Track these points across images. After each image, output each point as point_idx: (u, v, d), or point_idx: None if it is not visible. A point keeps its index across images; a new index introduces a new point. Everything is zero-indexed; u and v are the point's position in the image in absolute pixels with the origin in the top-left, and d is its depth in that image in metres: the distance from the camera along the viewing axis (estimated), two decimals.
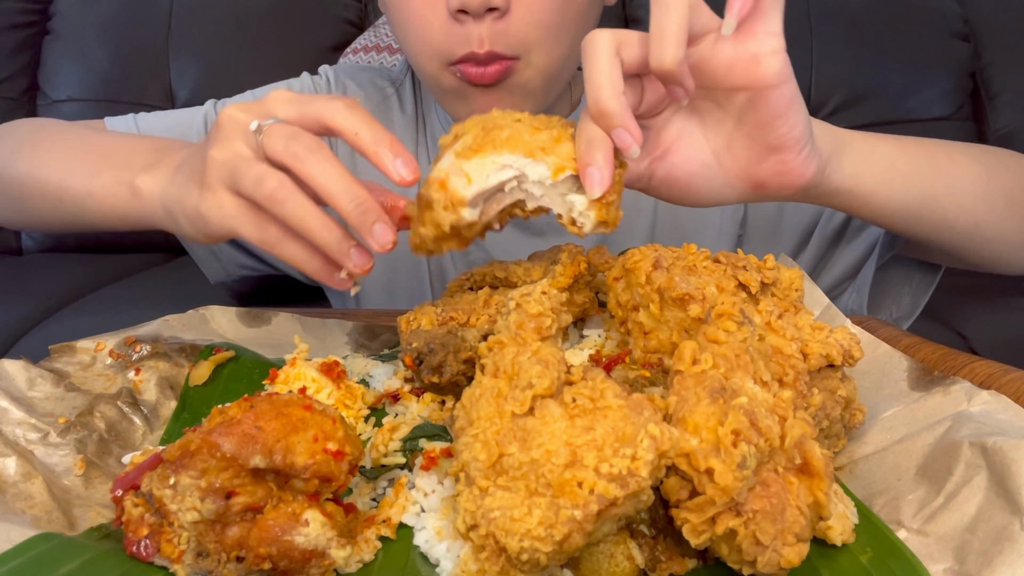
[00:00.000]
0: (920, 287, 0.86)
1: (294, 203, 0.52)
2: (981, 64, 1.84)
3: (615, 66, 0.50)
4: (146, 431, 0.56)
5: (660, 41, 0.49)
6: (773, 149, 0.56)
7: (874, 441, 0.52)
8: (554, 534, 0.36)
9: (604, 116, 0.50)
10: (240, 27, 1.90)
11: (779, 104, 0.54)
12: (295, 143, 0.53)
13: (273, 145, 0.53)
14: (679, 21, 0.49)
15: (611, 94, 0.50)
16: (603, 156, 0.49)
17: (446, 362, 0.55)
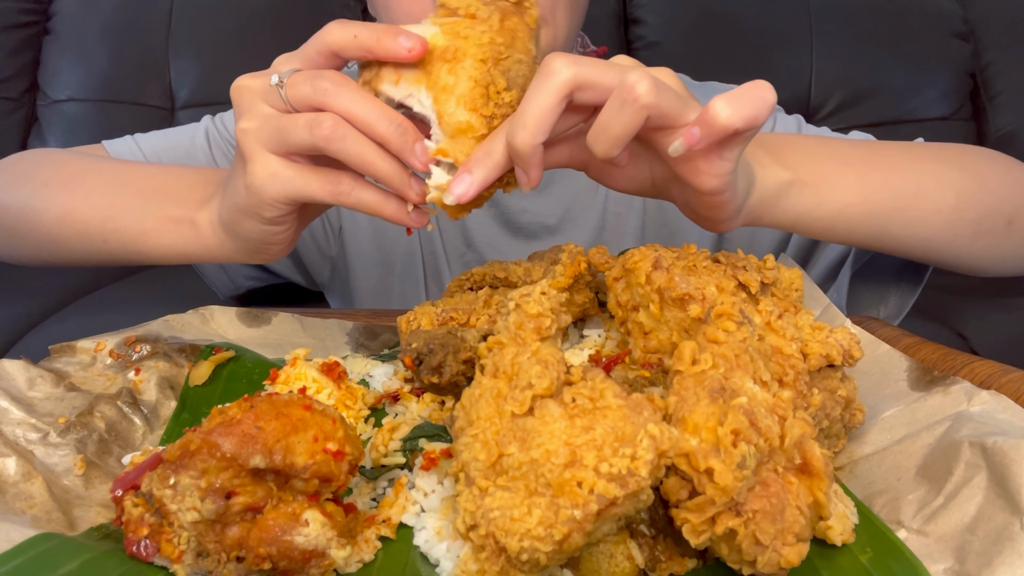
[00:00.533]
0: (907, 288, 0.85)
1: (353, 137, 0.51)
2: (981, 64, 1.84)
3: (554, 111, 0.47)
4: (146, 431, 0.56)
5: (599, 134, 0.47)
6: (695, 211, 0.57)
7: (874, 441, 0.52)
8: (554, 534, 0.36)
9: (514, 153, 0.49)
10: (240, 27, 1.91)
11: (709, 203, 0.53)
12: (320, 80, 0.52)
13: (300, 89, 0.52)
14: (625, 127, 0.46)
15: (529, 141, 0.47)
16: (483, 176, 0.50)
17: (446, 362, 0.55)
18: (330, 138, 0.51)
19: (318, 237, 1.00)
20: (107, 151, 0.89)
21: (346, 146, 0.51)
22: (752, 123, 0.45)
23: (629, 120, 0.46)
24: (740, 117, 0.45)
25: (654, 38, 1.86)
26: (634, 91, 0.45)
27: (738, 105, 0.45)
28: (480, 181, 0.50)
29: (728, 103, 0.45)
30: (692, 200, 0.55)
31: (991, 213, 0.71)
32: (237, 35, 1.91)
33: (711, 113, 0.45)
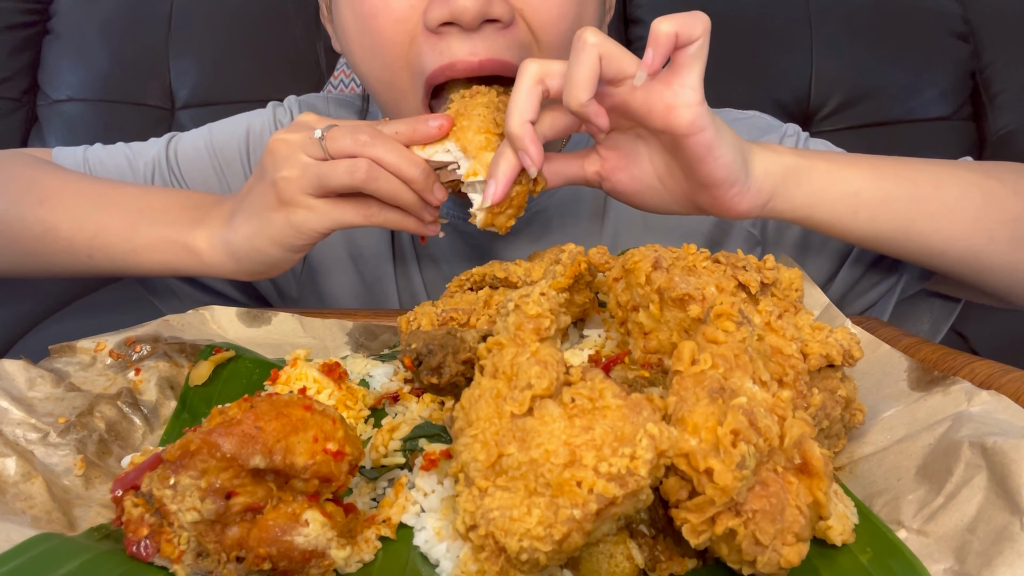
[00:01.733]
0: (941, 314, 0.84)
1: (384, 177, 0.63)
2: (981, 64, 1.83)
3: (531, 95, 0.58)
4: (146, 431, 0.56)
5: (569, 86, 0.57)
6: (703, 184, 0.61)
7: (874, 441, 0.52)
8: (553, 533, 0.36)
9: (511, 138, 0.59)
10: (240, 28, 1.90)
11: (697, 149, 0.59)
12: (360, 134, 0.63)
13: (342, 142, 0.63)
14: (586, 70, 0.55)
15: (517, 121, 0.58)
16: (503, 173, 0.60)
17: (445, 363, 0.55)
18: (367, 179, 0.63)
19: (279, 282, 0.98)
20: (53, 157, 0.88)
21: (380, 185, 0.64)
22: (689, 32, 0.55)
23: (586, 60, 0.55)
24: (677, 24, 0.55)
25: None
26: (582, 37, 0.56)
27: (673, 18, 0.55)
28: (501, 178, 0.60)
29: (664, 18, 0.55)
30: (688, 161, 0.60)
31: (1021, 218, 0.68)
32: (237, 35, 1.90)
33: (653, 30, 0.55)
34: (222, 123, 0.95)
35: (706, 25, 0.56)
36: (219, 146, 0.92)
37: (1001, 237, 0.68)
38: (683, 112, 0.57)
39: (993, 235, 0.68)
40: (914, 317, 0.86)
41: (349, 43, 0.75)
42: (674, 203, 0.66)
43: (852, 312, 0.84)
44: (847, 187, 0.65)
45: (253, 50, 1.88)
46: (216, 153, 0.92)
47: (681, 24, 0.55)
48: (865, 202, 0.65)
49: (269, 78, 1.83)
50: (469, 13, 0.63)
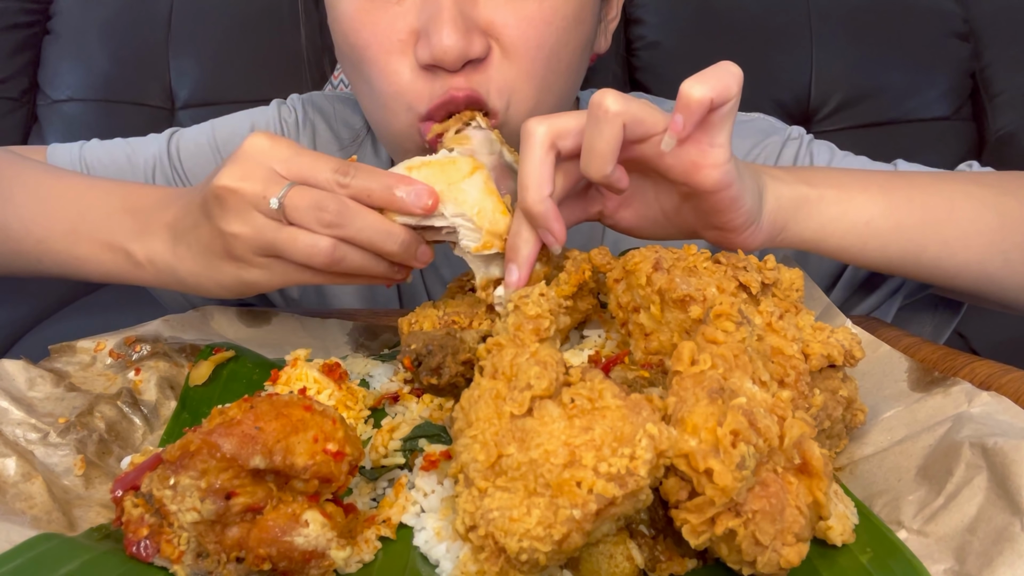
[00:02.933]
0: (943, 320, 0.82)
1: (351, 257, 0.56)
2: (981, 64, 1.83)
3: (546, 164, 0.52)
4: (146, 431, 0.56)
5: (590, 157, 0.51)
6: (715, 228, 0.58)
7: (874, 442, 0.52)
8: (553, 534, 0.36)
9: (530, 217, 0.53)
10: (240, 27, 1.91)
11: (719, 204, 0.55)
12: (323, 213, 0.54)
13: (302, 219, 0.54)
14: (610, 142, 0.50)
15: (536, 198, 0.52)
16: (525, 258, 0.54)
17: (444, 363, 0.55)
18: (330, 264, 0.55)
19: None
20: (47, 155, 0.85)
21: (345, 266, 0.56)
22: (724, 93, 0.50)
23: (608, 132, 0.50)
24: (711, 88, 0.49)
25: (654, 38, 1.86)
26: (603, 105, 0.49)
27: (707, 79, 0.49)
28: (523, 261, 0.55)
29: (697, 80, 0.49)
30: (707, 210, 0.56)
31: None
32: (237, 35, 1.91)
33: (684, 94, 0.49)
34: (224, 119, 0.93)
35: (740, 82, 0.51)
36: (223, 142, 0.90)
37: (1016, 258, 0.66)
38: (710, 173, 0.53)
39: (1008, 257, 0.66)
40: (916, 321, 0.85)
41: (343, 63, 0.74)
42: (678, 234, 0.62)
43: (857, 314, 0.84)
44: (858, 217, 0.62)
45: (253, 50, 1.88)
46: (220, 149, 0.90)
47: (716, 87, 0.49)
48: (876, 231, 0.62)
49: (269, 78, 1.83)
50: (450, 55, 0.62)
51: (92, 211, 0.66)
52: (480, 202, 0.56)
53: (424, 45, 0.63)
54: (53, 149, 0.87)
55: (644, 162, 0.55)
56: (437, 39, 0.61)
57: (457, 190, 0.56)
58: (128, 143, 0.91)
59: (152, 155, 0.89)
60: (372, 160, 0.91)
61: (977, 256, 0.65)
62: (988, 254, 0.65)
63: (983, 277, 0.66)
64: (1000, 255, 0.65)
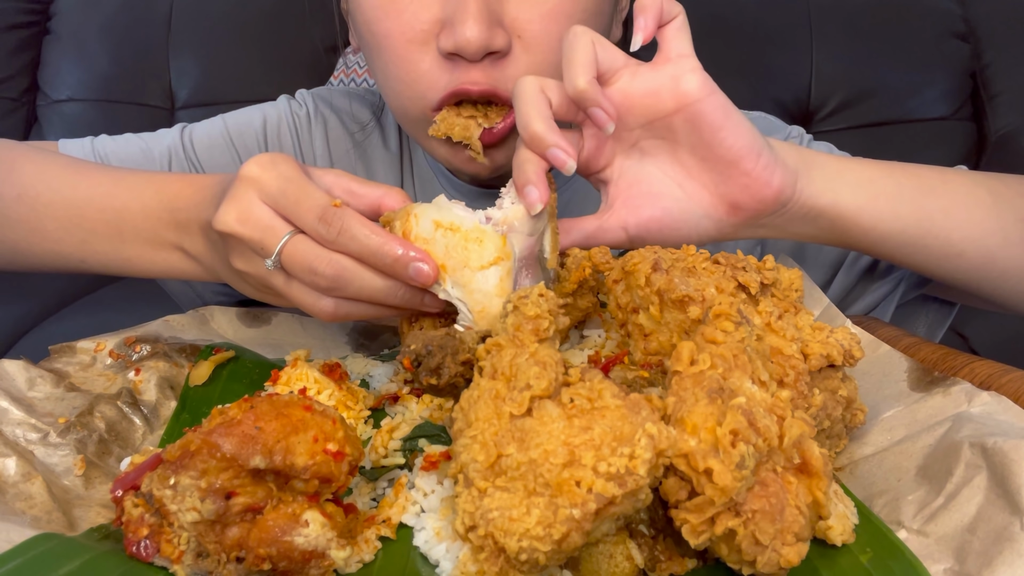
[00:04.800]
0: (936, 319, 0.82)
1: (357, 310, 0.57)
2: (981, 64, 1.83)
3: (540, 99, 0.55)
4: (146, 431, 0.56)
5: (570, 69, 0.54)
6: (728, 163, 0.57)
7: (874, 442, 0.52)
8: (552, 533, 0.36)
9: (535, 140, 0.54)
10: (240, 27, 1.90)
11: (714, 116, 0.56)
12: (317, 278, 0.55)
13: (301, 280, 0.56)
14: (584, 51, 0.54)
15: (537, 117, 0.54)
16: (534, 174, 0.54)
17: (444, 364, 0.55)
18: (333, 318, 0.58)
19: None
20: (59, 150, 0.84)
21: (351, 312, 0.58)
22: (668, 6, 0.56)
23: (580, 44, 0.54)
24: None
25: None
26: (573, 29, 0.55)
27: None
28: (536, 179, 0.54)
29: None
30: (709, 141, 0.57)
31: None
32: (237, 35, 1.90)
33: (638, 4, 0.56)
34: (235, 113, 0.93)
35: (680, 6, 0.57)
36: (236, 134, 0.90)
37: (1014, 237, 0.66)
38: (689, 78, 0.56)
39: (1007, 234, 0.66)
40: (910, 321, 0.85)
41: (365, 52, 0.76)
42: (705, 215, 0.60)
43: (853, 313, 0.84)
44: (860, 175, 0.63)
45: (253, 50, 1.88)
46: (234, 141, 0.90)
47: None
48: (883, 191, 0.63)
49: (269, 78, 1.83)
50: (473, 46, 0.64)
51: (129, 211, 0.66)
52: (486, 301, 0.53)
53: (448, 35, 0.65)
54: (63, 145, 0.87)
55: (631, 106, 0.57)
56: (461, 29, 0.63)
57: (468, 275, 0.53)
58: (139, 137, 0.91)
59: (167, 147, 0.89)
60: (381, 151, 0.92)
61: (980, 230, 0.65)
62: (988, 228, 0.65)
63: (987, 255, 0.67)
64: (1000, 230, 0.66)
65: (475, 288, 0.53)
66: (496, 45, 0.65)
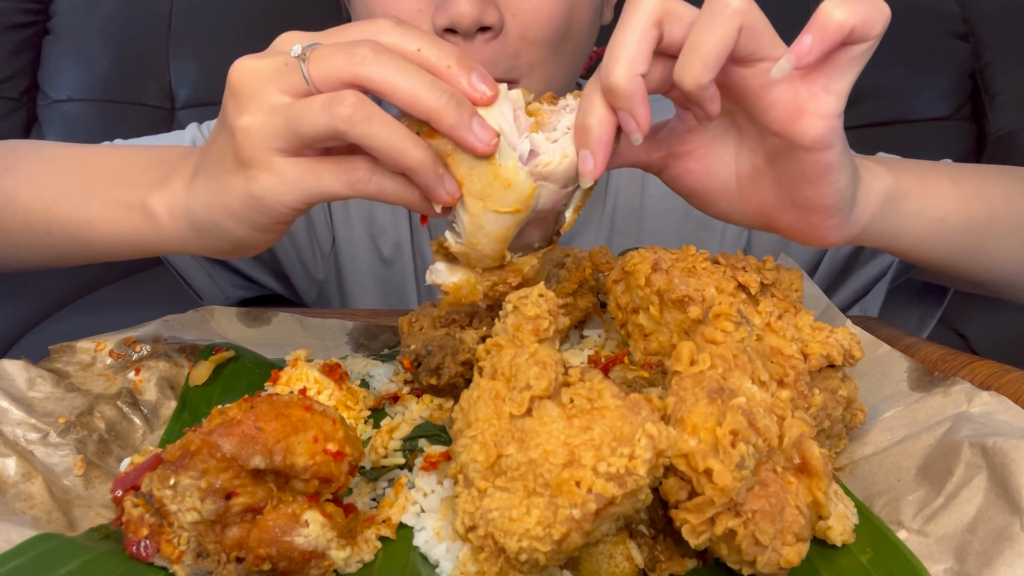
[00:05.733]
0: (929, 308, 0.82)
1: (380, 118, 0.44)
2: (981, 64, 1.83)
3: (645, 40, 0.43)
4: (146, 431, 0.56)
5: (690, 57, 0.43)
6: (799, 206, 0.50)
7: (874, 442, 0.52)
8: (552, 533, 0.36)
9: (612, 94, 0.44)
10: (240, 27, 1.90)
11: (812, 169, 0.47)
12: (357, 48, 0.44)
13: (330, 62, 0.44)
14: (719, 42, 0.42)
15: (628, 72, 0.43)
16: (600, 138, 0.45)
17: (444, 364, 0.55)
18: (351, 119, 0.43)
19: (306, 261, 0.97)
20: None
21: (372, 129, 0.44)
22: (867, 27, 0.42)
23: (722, 30, 0.42)
24: (856, 15, 0.41)
25: None
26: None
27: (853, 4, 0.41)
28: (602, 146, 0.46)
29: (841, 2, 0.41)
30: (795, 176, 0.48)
31: None
32: (237, 35, 1.90)
33: (823, 14, 0.41)
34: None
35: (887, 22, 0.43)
36: None
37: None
38: (815, 123, 0.45)
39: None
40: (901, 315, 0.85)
41: None
42: (739, 212, 0.54)
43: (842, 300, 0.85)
44: (935, 213, 0.58)
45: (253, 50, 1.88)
46: None
47: (862, 16, 0.42)
48: (948, 228, 0.59)
49: None
50: (466, 20, 0.65)
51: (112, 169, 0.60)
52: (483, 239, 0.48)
53: (442, 11, 0.66)
54: None
55: (740, 95, 0.47)
56: (455, 4, 0.64)
57: (479, 208, 0.47)
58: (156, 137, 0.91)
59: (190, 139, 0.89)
60: None
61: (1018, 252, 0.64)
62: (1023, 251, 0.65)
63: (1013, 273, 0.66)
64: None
65: (480, 223, 0.47)
66: (488, 20, 0.66)
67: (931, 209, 0.58)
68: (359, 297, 0.98)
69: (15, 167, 0.65)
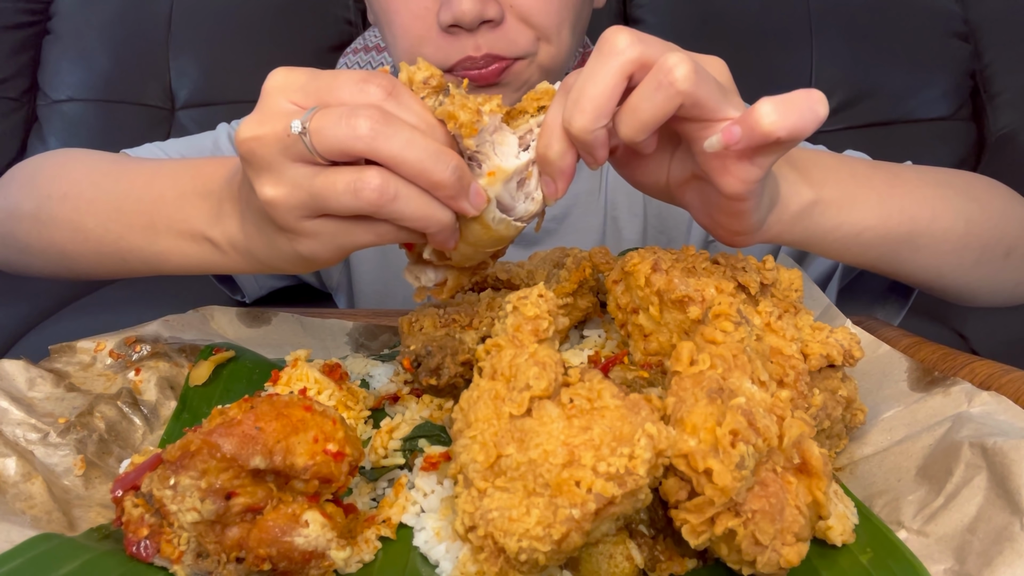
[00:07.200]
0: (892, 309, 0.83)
1: (406, 195, 0.45)
2: (981, 64, 1.84)
3: (614, 96, 0.44)
4: (146, 431, 0.56)
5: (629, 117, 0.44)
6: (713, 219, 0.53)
7: (874, 442, 0.52)
8: (552, 533, 0.36)
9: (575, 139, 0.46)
10: (240, 27, 1.90)
11: (729, 209, 0.50)
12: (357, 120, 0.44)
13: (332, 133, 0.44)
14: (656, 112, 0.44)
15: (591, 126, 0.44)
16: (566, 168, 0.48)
17: (444, 364, 0.55)
18: (380, 202, 0.45)
19: None
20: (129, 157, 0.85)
21: (399, 207, 0.45)
22: (797, 135, 0.43)
23: (661, 104, 0.43)
24: (786, 126, 0.43)
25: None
26: (671, 74, 0.42)
27: (785, 112, 0.43)
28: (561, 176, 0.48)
29: (775, 108, 0.43)
30: (712, 204, 0.52)
31: (992, 244, 0.70)
32: (237, 35, 1.90)
33: (755, 117, 0.43)
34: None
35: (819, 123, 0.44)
36: None
37: (967, 262, 0.69)
38: (735, 184, 0.47)
39: (962, 261, 0.69)
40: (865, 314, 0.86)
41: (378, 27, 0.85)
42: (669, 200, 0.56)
43: None
44: (852, 227, 0.60)
45: (253, 50, 1.88)
46: None
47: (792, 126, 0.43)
48: (864, 240, 0.62)
49: None
50: (468, 16, 0.72)
51: (165, 200, 0.62)
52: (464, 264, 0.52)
53: (446, 9, 0.73)
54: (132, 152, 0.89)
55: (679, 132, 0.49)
56: (457, 2, 0.71)
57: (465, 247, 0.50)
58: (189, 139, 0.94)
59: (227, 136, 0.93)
60: None
61: (940, 262, 0.68)
62: (948, 259, 0.68)
63: (933, 277, 0.70)
64: (956, 259, 0.69)
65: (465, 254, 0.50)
66: (489, 14, 0.73)
67: (847, 224, 0.60)
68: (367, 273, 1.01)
69: (71, 194, 0.68)
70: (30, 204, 0.71)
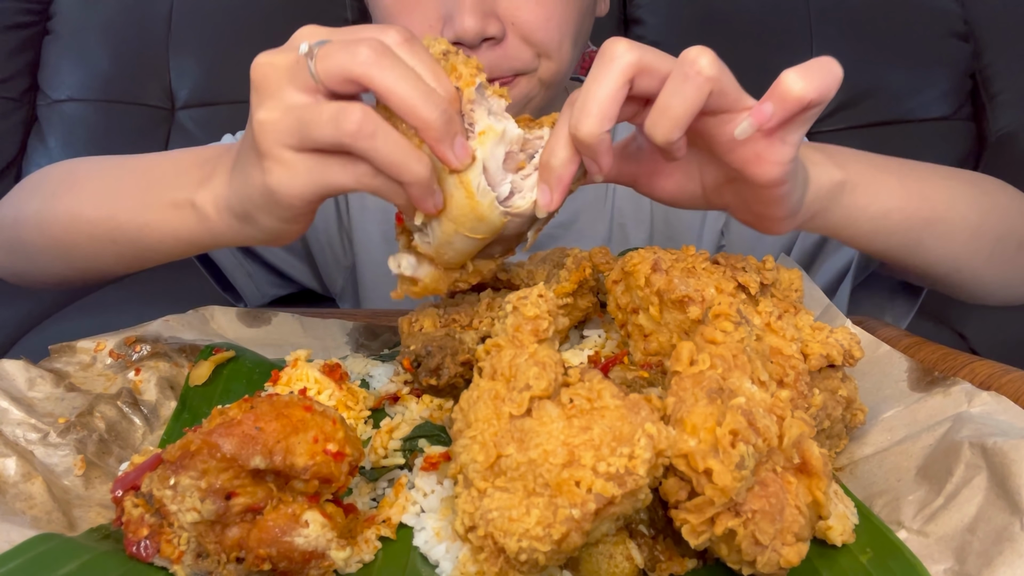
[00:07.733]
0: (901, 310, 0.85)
1: (384, 135, 0.46)
2: (981, 64, 1.84)
3: (618, 96, 0.45)
4: (146, 431, 0.56)
5: (660, 116, 0.46)
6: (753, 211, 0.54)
7: (874, 442, 0.52)
8: (552, 533, 0.36)
9: (579, 144, 0.47)
10: (240, 27, 1.91)
11: (767, 197, 0.51)
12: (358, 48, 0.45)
13: (334, 60, 0.46)
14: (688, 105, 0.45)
15: (595, 130, 0.45)
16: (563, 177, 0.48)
17: (444, 364, 0.55)
18: (358, 135, 0.46)
19: (335, 247, 1.00)
20: None
21: (375, 144, 0.46)
22: (825, 95, 0.45)
23: (692, 95, 0.44)
24: (815, 87, 0.44)
25: (654, 38, 1.86)
26: (696, 64, 0.44)
27: (810, 76, 0.45)
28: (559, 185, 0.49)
29: (800, 75, 0.45)
30: (750, 198, 0.53)
31: (1005, 237, 0.71)
32: (237, 35, 1.91)
33: (784, 87, 0.44)
34: None
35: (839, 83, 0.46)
36: None
37: (983, 253, 0.71)
38: (771, 169, 0.48)
39: (978, 252, 0.70)
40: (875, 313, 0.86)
41: None
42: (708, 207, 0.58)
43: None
44: (879, 208, 0.62)
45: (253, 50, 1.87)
46: None
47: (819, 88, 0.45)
48: (891, 223, 0.63)
49: None
50: (470, 34, 0.72)
51: (162, 176, 0.63)
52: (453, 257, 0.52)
53: (449, 27, 0.73)
54: None
55: (704, 135, 0.50)
56: (459, 21, 0.72)
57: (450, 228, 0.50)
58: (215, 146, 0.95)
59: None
60: None
61: (957, 250, 0.69)
62: (963, 250, 0.69)
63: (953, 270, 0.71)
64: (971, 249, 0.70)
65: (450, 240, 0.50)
66: (490, 32, 0.73)
67: (875, 204, 0.62)
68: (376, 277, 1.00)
69: (76, 185, 0.71)
70: (34, 205, 0.74)
